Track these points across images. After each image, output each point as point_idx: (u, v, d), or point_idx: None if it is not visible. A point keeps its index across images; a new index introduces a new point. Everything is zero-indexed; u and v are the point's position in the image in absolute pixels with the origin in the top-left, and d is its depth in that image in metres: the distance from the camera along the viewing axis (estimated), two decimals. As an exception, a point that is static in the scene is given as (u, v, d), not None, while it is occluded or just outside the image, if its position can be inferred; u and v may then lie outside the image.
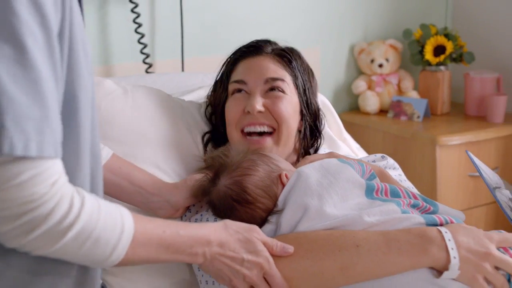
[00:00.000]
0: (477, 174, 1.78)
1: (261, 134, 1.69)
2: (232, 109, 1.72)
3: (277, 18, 3.01)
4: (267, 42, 1.81)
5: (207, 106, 1.84)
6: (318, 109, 1.82)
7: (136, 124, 1.70)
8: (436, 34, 3.15)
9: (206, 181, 1.54)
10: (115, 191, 1.54)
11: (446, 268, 1.35)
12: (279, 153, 1.68)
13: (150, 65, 2.61)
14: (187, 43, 2.72)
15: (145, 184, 1.56)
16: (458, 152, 2.83)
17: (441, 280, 1.35)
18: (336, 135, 2.12)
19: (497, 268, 1.38)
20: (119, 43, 2.61)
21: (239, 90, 1.72)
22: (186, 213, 1.60)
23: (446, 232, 1.38)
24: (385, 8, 3.35)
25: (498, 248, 1.40)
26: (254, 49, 1.77)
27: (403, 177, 1.83)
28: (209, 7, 2.82)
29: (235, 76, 1.75)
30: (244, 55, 1.77)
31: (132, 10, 2.55)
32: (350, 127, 2.97)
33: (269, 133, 1.70)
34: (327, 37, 3.21)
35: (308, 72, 1.80)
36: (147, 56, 2.60)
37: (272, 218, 1.48)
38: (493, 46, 3.33)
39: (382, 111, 3.21)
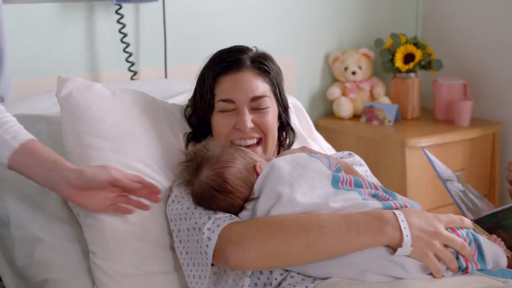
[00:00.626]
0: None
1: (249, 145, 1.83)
2: (222, 124, 1.83)
3: (255, 29, 3.13)
4: (243, 51, 1.89)
5: (186, 107, 1.97)
6: (288, 106, 1.96)
7: (123, 123, 1.82)
8: (406, 43, 3.29)
9: (188, 173, 1.67)
10: (23, 168, 1.62)
11: (400, 245, 1.50)
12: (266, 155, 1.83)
13: (135, 73, 2.73)
14: (170, 52, 2.84)
15: (46, 161, 1.61)
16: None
17: (396, 257, 1.50)
18: (307, 134, 2.27)
19: (446, 246, 1.54)
20: (106, 52, 2.72)
21: (227, 109, 1.83)
22: (169, 203, 1.74)
23: (399, 214, 1.53)
24: (358, 19, 3.48)
25: (446, 229, 1.56)
26: (235, 64, 1.85)
27: (369, 173, 1.98)
28: (191, 18, 2.93)
29: (222, 94, 1.84)
30: (225, 70, 1.86)
31: (118, 21, 2.67)
32: (325, 132, 3.12)
33: (257, 143, 1.84)
34: (303, 47, 3.33)
35: (279, 73, 1.92)
36: (132, 64, 2.72)
37: (249, 205, 1.61)
38: (460, 54, 3.47)
39: (356, 116, 3.34)
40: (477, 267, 1.56)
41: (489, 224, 1.72)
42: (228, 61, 1.85)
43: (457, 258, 1.55)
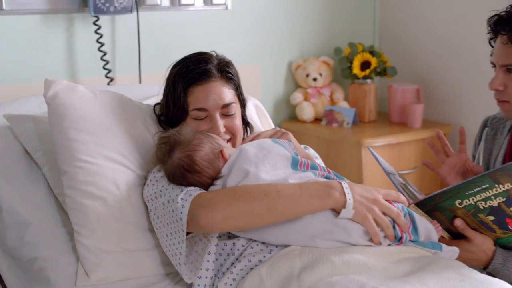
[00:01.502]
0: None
1: None
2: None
3: (224, 39, 3.32)
4: (208, 60, 2.07)
5: (154, 106, 2.19)
6: (246, 102, 2.18)
7: (104, 120, 2.04)
8: (363, 51, 3.53)
9: (163, 153, 1.90)
10: None
11: (344, 207, 1.74)
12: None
13: (112, 79, 2.92)
14: (144, 60, 3.02)
15: None
16: (381, 153, 3.15)
17: (341, 222, 1.74)
18: None
19: (384, 214, 1.78)
20: (84, 60, 2.91)
21: (200, 116, 2.03)
22: (145, 187, 1.96)
23: (344, 183, 1.78)
24: (319, 29, 3.69)
25: (384, 200, 1.80)
26: (204, 75, 2.04)
27: (323, 165, 2.22)
28: (163, 29, 3.12)
29: (195, 103, 2.02)
30: (196, 81, 2.04)
31: (95, 32, 2.86)
32: (288, 134, 3.35)
33: (227, 141, 2.06)
34: (268, 55, 3.53)
35: (237, 75, 2.13)
36: (109, 71, 2.91)
37: (217, 182, 1.84)
38: (413, 61, 3.72)
39: (317, 119, 3.57)
40: (411, 238, 1.81)
41: (428, 206, 1.92)
42: (197, 73, 2.04)
43: (394, 227, 1.79)
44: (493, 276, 1.89)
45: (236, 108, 2.07)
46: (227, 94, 2.05)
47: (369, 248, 1.75)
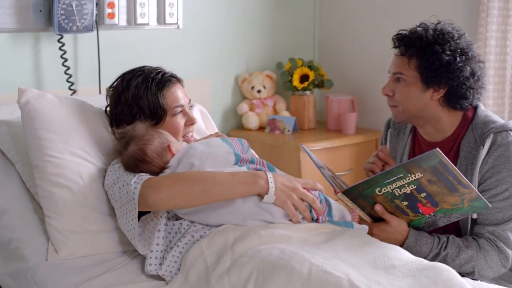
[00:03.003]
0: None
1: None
2: (180, 123, 2.36)
3: (176, 55, 3.53)
4: (161, 69, 2.42)
5: (106, 108, 2.45)
6: None
7: (69, 122, 2.34)
8: (302, 66, 3.84)
9: (120, 146, 2.22)
10: None
11: (267, 193, 2.07)
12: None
13: (74, 91, 3.15)
14: (103, 74, 3.21)
15: None
16: (318, 156, 3.43)
17: (265, 205, 2.07)
18: (210, 133, 2.82)
19: (302, 200, 2.11)
20: (50, 74, 3.13)
21: (177, 112, 2.36)
22: (106, 177, 2.26)
23: (269, 173, 2.12)
24: (263, 46, 3.94)
25: (304, 189, 2.14)
26: (172, 80, 2.37)
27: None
28: (120, 46, 3.33)
29: (174, 102, 2.34)
30: (168, 85, 2.35)
31: (59, 48, 3.10)
32: (235, 140, 3.66)
33: None
34: (217, 70, 3.77)
35: None
36: (72, 84, 3.14)
37: (166, 171, 2.16)
38: (348, 75, 4.03)
39: (261, 127, 3.86)
40: (326, 220, 2.15)
41: (353, 194, 2.18)
42: (166, 79, 2.37)
43: (310, 211, 2.13)
44: None
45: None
46: (186, 93, 2.43)
47: (291, 224, 2.09)
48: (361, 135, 3.77)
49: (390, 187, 2.11)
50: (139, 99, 2.34)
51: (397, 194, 2.13)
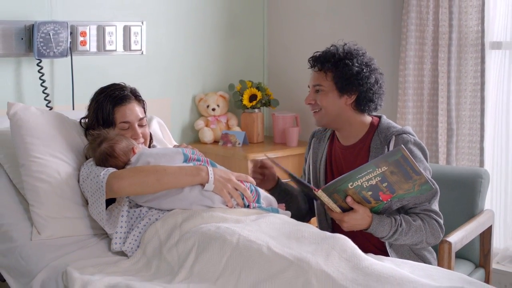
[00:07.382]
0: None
1: None
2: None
3: (140, 77, 3.85)
4: (124, 88, 2.82)
5: (80, 119, 2.89)
6: None
7: (49, 130, 2.78)
8: (251, 87, 4.28)
9: (95, 144, 2.65)
10: None
11: (207, 182, 2.53)
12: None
13: (51, 108, 3.51)
14: (76, 93, 3.55)
15: None
16: None
17: (207, 193, 2.53)
18: (167, 142, 3.27)
19: (236, 189, 2.58)
20: (29, 93, 3.47)
21: (125, 127, 2.74)
22: (80, 173, 2.71)
23: (209, 167, 2.58)
24: (217, 69, 4.32)
25: (238, 180, 2.61)
26: (125, 98, 2.75)
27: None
28: (91, 69, 3.65)
29: (121, 118, 2.70)
30: (120, 102, 2.74)
31: (38, 71, 3.47)
32: (192, 152, 4.10)
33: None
34: (176, 90, 4.13)
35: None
36: (49, 101, 3.52)
37: (128, 167, 2.60)
38: (292, 94, 4.44)
39: (215, 141, 4.26)
40: (256, 206, 2.63)
41: (330, 190, 2.42)
42: (120, 97, 2.77)
43: (243, 198, 2.61)
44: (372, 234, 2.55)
45: (146, 121, 2.86)
46: (140, 111, 2.83)
47: (227, 209, 2.56)
48: (303, 147, 4.14)
49: (360, 181, 2.38)
50: (98, 110, 2.78)
51: (365, 186, 2.40)
